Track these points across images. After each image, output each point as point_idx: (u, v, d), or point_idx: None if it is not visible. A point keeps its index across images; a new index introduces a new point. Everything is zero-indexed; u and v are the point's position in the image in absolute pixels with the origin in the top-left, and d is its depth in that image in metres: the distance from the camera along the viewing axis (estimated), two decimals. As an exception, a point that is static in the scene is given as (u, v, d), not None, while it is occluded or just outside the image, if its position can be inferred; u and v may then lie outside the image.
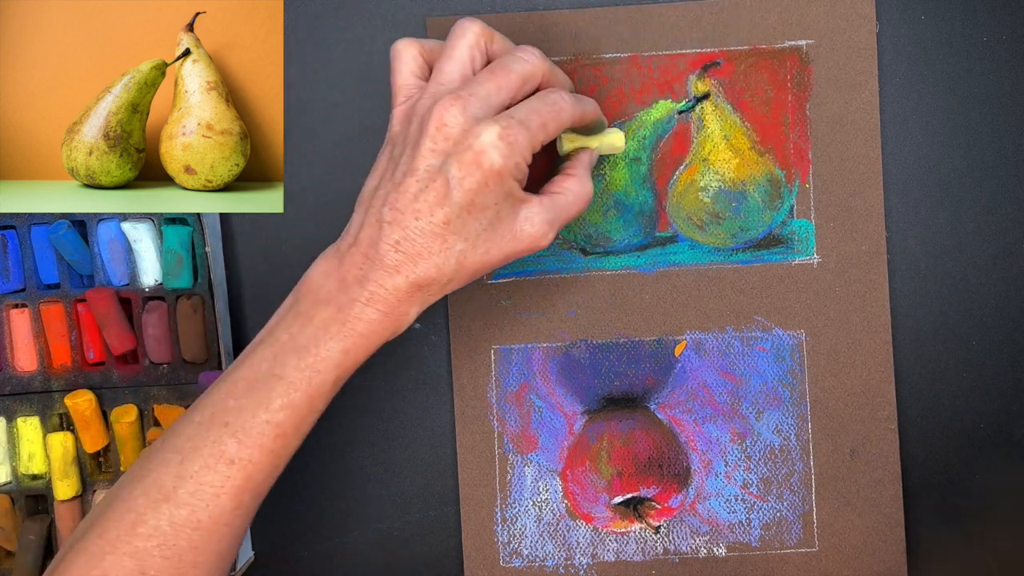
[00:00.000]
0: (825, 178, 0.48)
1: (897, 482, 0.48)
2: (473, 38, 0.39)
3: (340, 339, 0.37)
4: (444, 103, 0.37)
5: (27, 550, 0.47)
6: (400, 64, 0.41)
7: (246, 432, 0.37)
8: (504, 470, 0.48)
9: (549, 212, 0.39)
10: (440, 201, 0.37)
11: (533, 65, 0.39)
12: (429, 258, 0.37)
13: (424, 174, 0.37)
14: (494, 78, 0.38)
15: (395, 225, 0.37)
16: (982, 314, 0.48)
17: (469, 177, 0.37)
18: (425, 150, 0.37)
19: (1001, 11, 0.47)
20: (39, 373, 0.48)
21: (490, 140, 0.37)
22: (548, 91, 0.39)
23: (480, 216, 0.37)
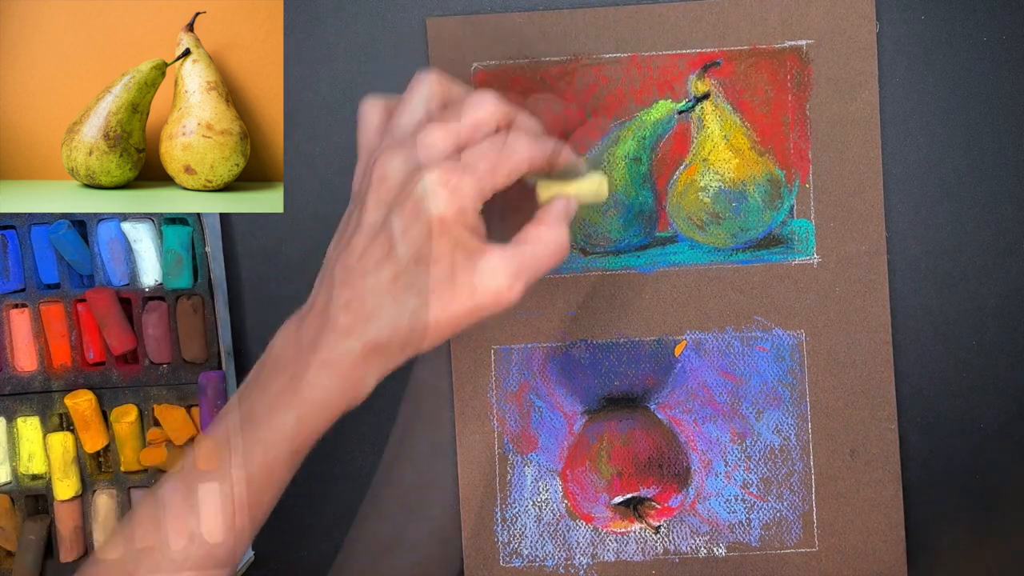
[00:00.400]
0: (825, 178, 0.48)
1: (897, 482, 0.48)
2: (428, 89, 0.37)
3: (293, 408, 0.36)
4: (386, 153, 0.36)
5: (27, 550, 0.47)
6: (363, 123, 0.39)
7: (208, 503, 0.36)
8: (504, 470, 0.48)
9: (512, 264, 0.36)
10: (386, 256, 0.35)
11: (485, 110, 0.36)
12: (381, 317, 0.35)
13: (369, 229, 0.35)
14: (442, 125, 0.36)
15: (345, 285, 0.35)
16: (982, 314, 0.48)
17: (412, 228, 0.34)
18: (370, 204, 0.36)
19: (1001, 11, 0.47)
20: (39, 373, 0.48)
21: (431, 186, 0.34)
22: (502, 133, 0.37)
23: (431, 269, 0.35)
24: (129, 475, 0.48)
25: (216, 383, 0.46)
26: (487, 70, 0.47)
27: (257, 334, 0.49)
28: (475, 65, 0.47)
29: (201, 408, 0.47)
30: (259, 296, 0.49)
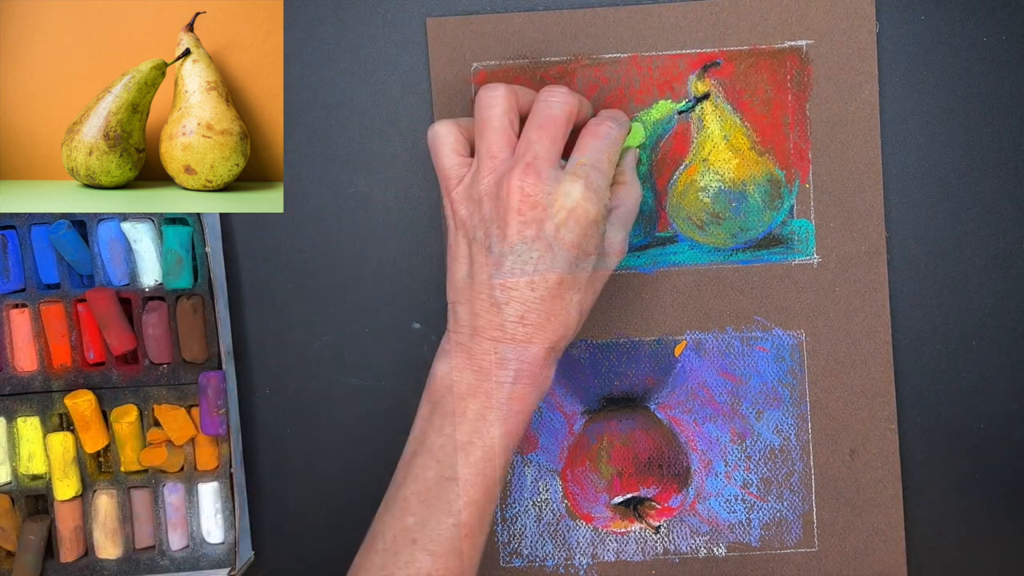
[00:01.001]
0: (825, 178, 0.48)
1: (897, 482, 0.48)
2: (504, 103, 0.40)
3: (500, 423, 0.38)
4: (516, 176, 0.38)
5: (27, 550, 0.47)
6: (442, 147, 0.41)
7: (437, 542, 0.37)
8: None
9: (622, 227, 0.42)
10: (549, 264, 0.38)
11: (569, 104, 0.40)
12: (555, 319, 0.39)
13: (522, 246, 0.38)
14: (545, 133, 0.39)
15: (513, 302, 0.38)
16: (982, 314, 0.48)
17: (570, 233, 0.38)
18: (515, 224, 0.38)
19: (1001, 11, 0.47)
20: (39, 373, 0.48)
21: (580, 194, 0.38)
22: (596, 127, 0.41)
23: (586, 264, 0.39)
24: (129, 475, 0.48)
25: (216, 383, 0.46)
26: (487, 70, 0.47)
27: (257, 334, 0.49)
28: (475, 65, 0.47)
29: (201, 408, 0.47)
30: (259, 296, 0.49)
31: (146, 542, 0.48)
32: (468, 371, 0.39)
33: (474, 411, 0.38)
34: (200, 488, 0.48)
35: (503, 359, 0.38)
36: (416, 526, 0.38)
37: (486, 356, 0.38)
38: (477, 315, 0.39)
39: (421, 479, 0.38)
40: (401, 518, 0.38)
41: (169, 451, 0.47)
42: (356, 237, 0.49)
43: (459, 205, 0.40)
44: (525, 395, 0.39)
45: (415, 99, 0.48)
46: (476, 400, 0.38)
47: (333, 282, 0.49)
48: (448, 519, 0.37)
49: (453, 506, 0.37)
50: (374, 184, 0.49)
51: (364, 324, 0.49)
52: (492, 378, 0.38)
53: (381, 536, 0.38)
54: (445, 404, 0.39)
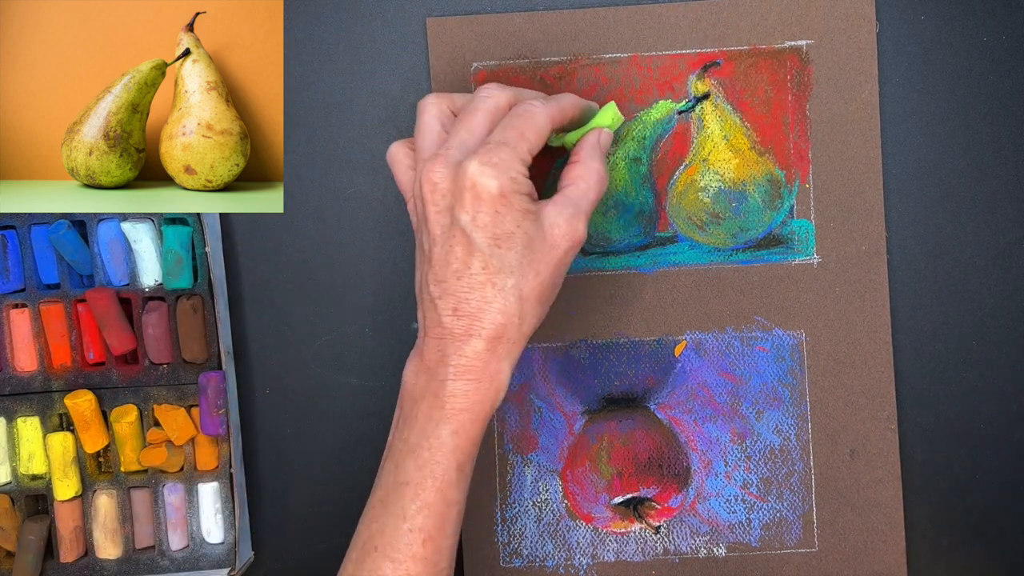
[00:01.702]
0: (825, 178, 0.48)
1: (897, 482, 0.48)
2: (434, 108, 0.40)
3: (444, 423, 0.37)
4: (427, 168, 0.38)
5: (27, 550, 0.47)
6: (396, 165, 0.41)
7: (395, 548, 0.37)
8: (504, 470, 0.48)
9: (568, 207, 0.39)
10: (468, 250, 0.37)
11: (494, 97, 0.39)
12: (489, 307, 0.37)
13: (442, 236, 0.37)
14: (462, 125, 0.39)
15: (445, 296, 0.37)
16: (982, 314, 0.48)
17: (479, 214, 0.37)
18: (432, 215, 0.38)
19: (1001, 11, 0.47)
20: (39, 373, 0.48)
21: (475, 170, 0.36)
22: (515, 106, 0.39)
23: (510, 244, 0.37)
24: (129, 475, 0.48)
25: (216, 383, 0.46)
26: (487, 70, 0.47)
27: (257, 334, 0.49)
28: (475, 65, 0.47)
29: (201, 408, 0.47)
30: (259, 296, 0.49)
31: (146, 542, 0.48)
32: (422, 373, 0.38)
33: (423, 413, 0.38)
34: (200, 488, 0.48)
35: (444, 356, 0.37)
36: (377, 533, 0.37)
37: (432, 355, 0.38)
38: (424, 316, 0.39)
39: (383, 485, 0.38)
40: (368, 525, 0.38)
41: (169, 451, 0.47)
42: (356, 237, 0.49)
43: (411, 215, 0.40)
44: (468, 392, 0.37)
45: (415, 99, 0.48)
46: (425, 401, 0.38)
47: (333, 282, 0.49)
48: (403, 524, 0.37)
49: (407, 510, 0.37)
50: (374, 184, 0.49)
51: (364, 324, 0.49)
52: (436, 377, 0.38)
53: (354, 544, 0.38)
54: (404, 408, 0.39)
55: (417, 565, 0.37)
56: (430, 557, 0.37)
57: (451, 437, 0.37)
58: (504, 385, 0.38)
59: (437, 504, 0.37)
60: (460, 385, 0.37)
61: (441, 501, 0.37)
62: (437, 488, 0.37)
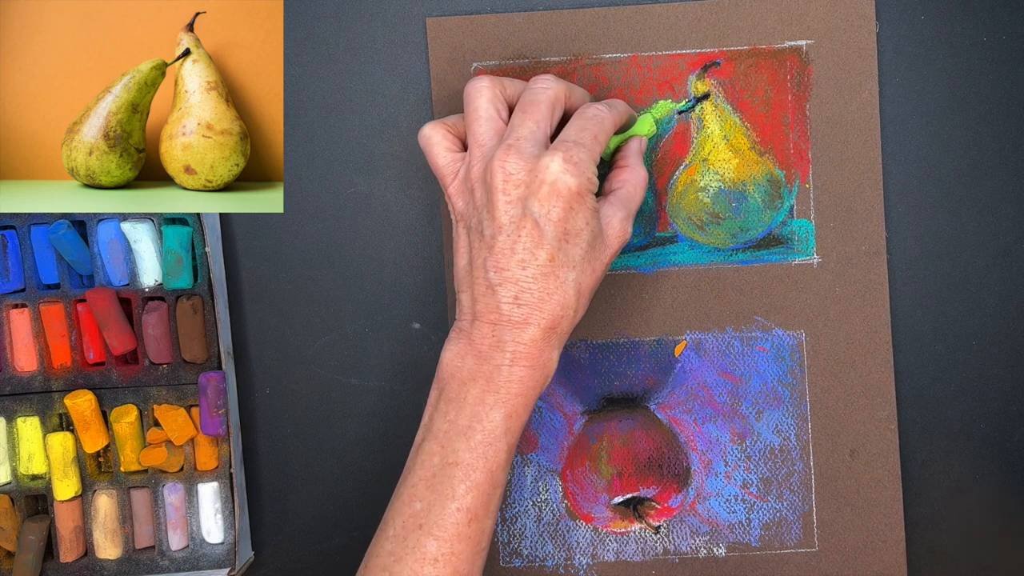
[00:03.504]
0: (825, 178, 0.48)
1: (897, 482, 0.48)
2: (489, 93, 0.41)
3: (499, 407, 0.38)
4: (499, 157, 0.39)
5: (27, 550, 0.47)
6: (433, 147, 0.42)
7: (441, 527, 0.38)
8: (504, 470, 0.48)
9: (621, 208, 0.41)
10: (537, 242, 0.38)
11: (555, 89, 0.41)
12: (550, 298, 0.38)
13: (511, 226, 0.38)
14: (528, 116, 0.40)
15: (506, 283, 0.38)
16: (982, 314, 0.48)
17: (554, 208, 0.38)
18: (501, 205, 0.38)
19: (1001, 11, 0.47)
20: (39, 373, 0.48)
21: (558, 167, 0.38)
22: (583, 108, 0.41)
23: (578, 240, 0.39)
24: (129, 475, 0.48)
25: (216, 383, 0.46)
26: (487, 70, 0.47)
27: (257, 334, 0.49)
28: (475, 65, 0.47)
29: (201, 408, 0.47)
30: (259, 296, 0.49)
31: (146, 542, 0.48)
32: (469, 356, 0.39)
33: (474, 396, 0.39)
34: (200, 488, 0.48)
35: (500, 341, 0.39)
36: (422, 512, 0.38)
37: (484, 340, 0.39)
38: (476, 300, 0.39)
39: (427, 465, 0.39)
40: (410, 504, 0.39)
41: (169, 451, 0.47)
42: (356, 237, 0.49)
43: (456, 198, 0.41)
44: (524, 378, 0.39)
45: (415, 99, 0.48)
46: (476, 385, 0.39)
47: (333, 282, 0.49)
48: (452, 504, 0.38)
49: (457, 490, 0.38)
50: (374, 184, 0.49)
51: (364, 324, 0.49)
52: (491, 361, 0.39)
53: (391, 523, 0.39)
54: (449, 390, 0.39)
55: (461, 543, 0.38)
56: (474, 536, 0.38)
57: (504, 420, 0.38)
58: (553, 371, 0.40)
59: (486, 485, 0.38)
60: (516, 371, 0.39)
61: (489, 482, 0.38)
62: (488, 469, 0.38)
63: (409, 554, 0.38)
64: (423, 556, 0.37)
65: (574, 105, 0.42)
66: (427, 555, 0.37)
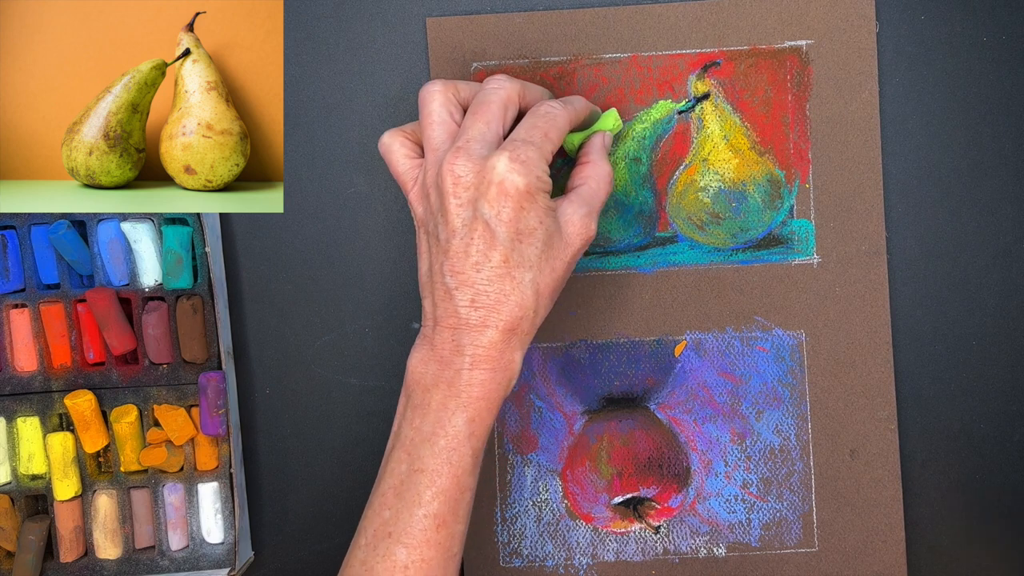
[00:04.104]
0: (825, 178, 0.48)
1: (897, 482, 0.48)
2: (441, 97, 0.40)
3: (461, 411, 0.38)
4: (448, 161, 0.38)
5: (27, 550, 0.47)
6: (392, 155, 0.42)
7: (410, 534, 0.38)
8: (504, 470, 0.48)
9: (582, 205, 0.40)
10: (490, 244, 0.38)
11: (506, 89, 0.40)
12: (507, 299, 0.38)
13: (463, 229, 0.38)
14: (478, 117, 0.39)
15: (463, 287, 0.38)
16: (982, 314, 0.48)
17: (504, 209, 0.38)
18: (453, 208, 0.38)
19: (1001, 11, 0.47)
20: (39, 373, 0.48)
21: (504, 167, 0.37)
22: (536, 107, 0.40)
23: (532, 240, 0.38)
24: (129, 475, 0.48)
25: (216, 383, 0.46)
26: (487, 70, 0.47)
27: (257, 334, 0.49)
28: (475, 65, 0.47)
29: (201, 408, 0.47)
30: (259, 296, 0.49)
31: (146, 542, 0.48)
32: (432, 362, 0.39)
33: (437, 401, 0.38)
34: (200, 488, 0.48)
35: (460, 345, 0.38)
36: (391, 520, 0.38)
37: (445, 345, 0.39)
38: (436, 305, 0.39)
39: (396, 473, 0.39)
40: (379, 512, 0.38)
41: (169, 451, 0.47)
42: (356, 237, 0.49)
43: (415, 204, 0.41)
44: (485, 381, 0.38)
45: (415, 99, 0.48)
46: (439, 390, 0.38)
47: (333, 282, 0.49)
48: (419, 510, 0.38)
49: (423, 497, 0.38)
50: (374, 184, 0.49)
51: (364, 324, 0.49)
52: (451, 366, 0.38)
53: (364, 532, 0.39)
54: (415, 397, 0.39)
55: (431, 550, 0.38)
56: (444, 542, 0.38)
57: (467, 425, 0.38)
58: (516, 373, 0.39)
59: (452, 490, 0.38)
60: (477, 374, 0.38)
61: (456, 487, 0.38)
62: (453, 475, 0.38)
63: (380, 563, 0.38)
64: (393, 564, 0.37)
65: (530, 104, 0.42)
66: (397, 563, 0.37)
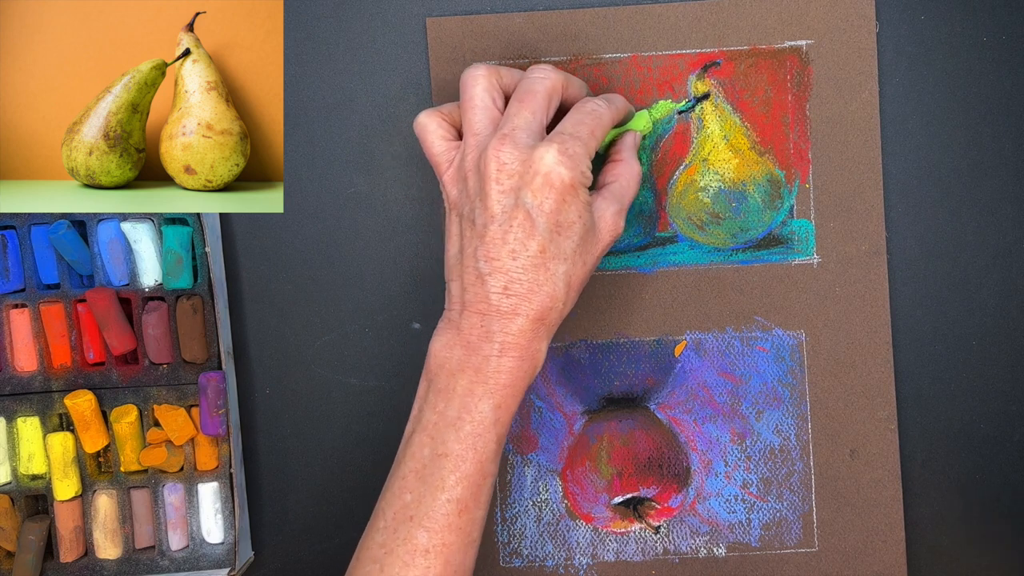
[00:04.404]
0: (825, 178, 0.48)
1: (897, 482, 0.48)
2: (485, 82, 0.40)
3: (488, 397, 0.38)
4: (493, 147, 0.38)
5: (27, 550, 0.47)
6: (428, 135, 0.42)
7: (431, 518, 0.38)
8: (504, 470, 0.48)
9: (613, 203, 0.41)
10: (529, 233, 0.38)
11: (552, 80, 0.40)
12: (540, 290, 0.38)
13: (503, 216, 0.38)
14: (524, 106, 0.39)
15: (496, 273, 0.38)
16: (982, 314, 0.48)
17: (547, 200, 0.38)
18: (494, 194, 0.38)
19: (1001, 11, 0.47)
20: (39, 373, 0.48)
21: (553, 159, 0.38)
22: (582, 103, 0.41)
23: (570, 233, 0.38)
24: (129, 475, 0.48)
25: (216, 383, 0.46)
26: (487, 70, 0.47)
27: (257, 334, 0.49)
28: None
29: (201, 408, 0.47)
30: (259, 296, 0.49)
31: (146, 542, 0.48)
32: (458, 347, 0.39)
33: (463, 386, 0.38)
34: (200, 488, 0.48)
35: (489, 332, 0.38)
36: (413, 503, 0.38)
37: (473, 330, 0.38)
38: (465, 289, 0.39)
39: (417, 457, 0.38)
40: (400, 496, 0.38)
41: (169, 451, 0.47)
42: (356, 237, 0.49)
43: (450, 187, 0.41)
44: (513, 368, 0.38)
45: (415, 99, 0.48)
46: (465, 375, 0.38)
47: (333, 282, 0.49)
48: (442, 495, 0.38)
49: (447, 482, 0.38)
50: (374, 184, 0.49)
51: (364, 324, 0.49)
52: (479, 352, 0.38)
53: (382, 515, 0.39)
54: (438, 381, 0.39)
55: (452, 534, 0.38)
56: (464, 527, 0.38)
57: (493, 411, 0.38)
58: (541, 362, 0.40)
59: (476, 475, 0.38)
60: (505, 361, 0.38)
61: (479, 473, 0.38)
62: (478, 460, 0.38)
63: (400, 546, 0.37)
64: (414, 548, 0.37)
65: (571, 96, 0.42)
66: (418, 546, 0.37)
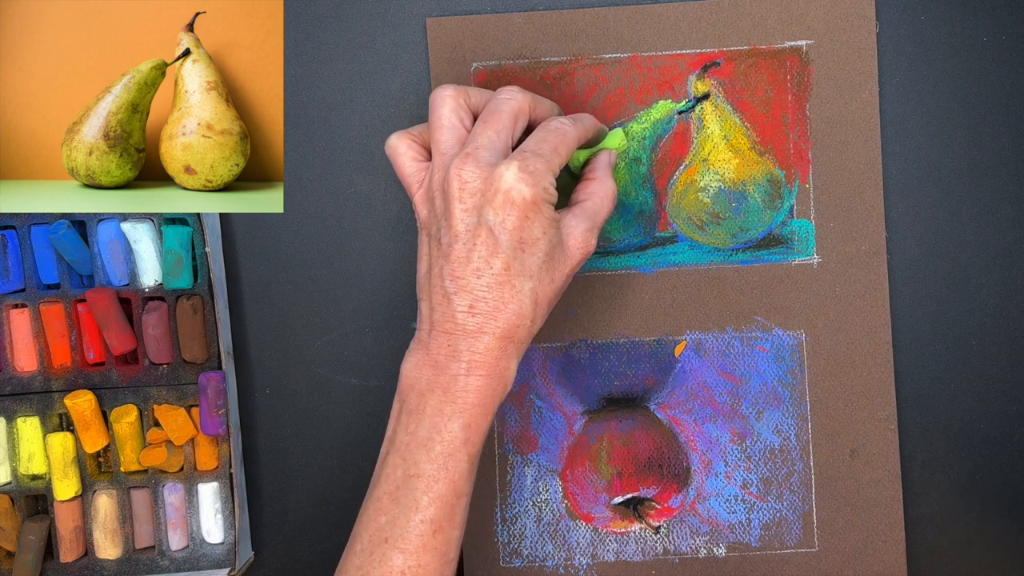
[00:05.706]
0: (825, 178, 0.48)
1: (897, 482, 0.48)
2: (452, 102, 0.41)
3: (457, 417, 0.38)
4: (456, 166, 0.38)
5: (27, 550, 0.47)
6: (399, 157, 0.42)
7: (406, 539, 0.38)
8: (504, 470, 0.48)
9: (585, 220, 0.41)
10: (492, 251, 0.38)
11: (519, 100, 0.40)
12: (505, 307, 0.38)
13: (466, 234, 0.38)
14: (489, 125, 0.40)
15: (462, 292, 0.38)
16: (982, 314, 0.48)
17: (508, 217, 0.38)
18: (457, 213, 0.38)
19: (1001, 11, 0.47)
20: (39, 373, 0.48)
21: (513, 176, 0.38)
22: (547, 121, 0.41)
23: (534, 250, 0.38)
24: (129, 475, 0.48)
25: (216, 383, 0.46)
26: (487, 70, 0.47)
27: (257, 334, 0.49)
28: (475, 65, 0.47)
29: (201, 408, 0.47)
30: (259, 296, 0.49)
31: (146, 542, 0.48)
32: (427, 367, 0.39)
33: (432, 406, 0.38)
34: (200, 488, 0.48)
35: (456, 351, 0.38)
36: (387, 525, 0.38)
37: (441, 350, 0.38)
38: (433, 309, 0.39)
39: (391, 478, 0.39)
40: (375, 518, 0.38)
41: (169, 451, 0.47)
42: (356, 237, 0.49)
43: (420, 207, 0.41)
44: (481, 387, 0.38)
45: (415, 99, 0.48)
46: (434, 395, 0.38)
47: (333, 282, 0.49)
48: (415, 516, 0.38)
49: (420, 502, 0.38)
50: (374, 184, 0.49)
51: (364, 324, 0.49)
52: (447, 372, 0.38)
53: (359, 537, 0.39)
54: (409, 402, 0.39)
55: (427, 555, 0.38)
56: (440, 547, 0.38)
57: (463, 430, 0.38)
58: (511, 381, 0.39)
59: (448, 495, 0.38)
60: (473, 380, 0.38)
61: (452, 492, 0.38)
62: (450, 480, 0.38)
63: (376, 568, 0.38)
64: (390, 570, 0.37)
65: (540, 117, 0.42)
66: (394, 568, 0.37)
